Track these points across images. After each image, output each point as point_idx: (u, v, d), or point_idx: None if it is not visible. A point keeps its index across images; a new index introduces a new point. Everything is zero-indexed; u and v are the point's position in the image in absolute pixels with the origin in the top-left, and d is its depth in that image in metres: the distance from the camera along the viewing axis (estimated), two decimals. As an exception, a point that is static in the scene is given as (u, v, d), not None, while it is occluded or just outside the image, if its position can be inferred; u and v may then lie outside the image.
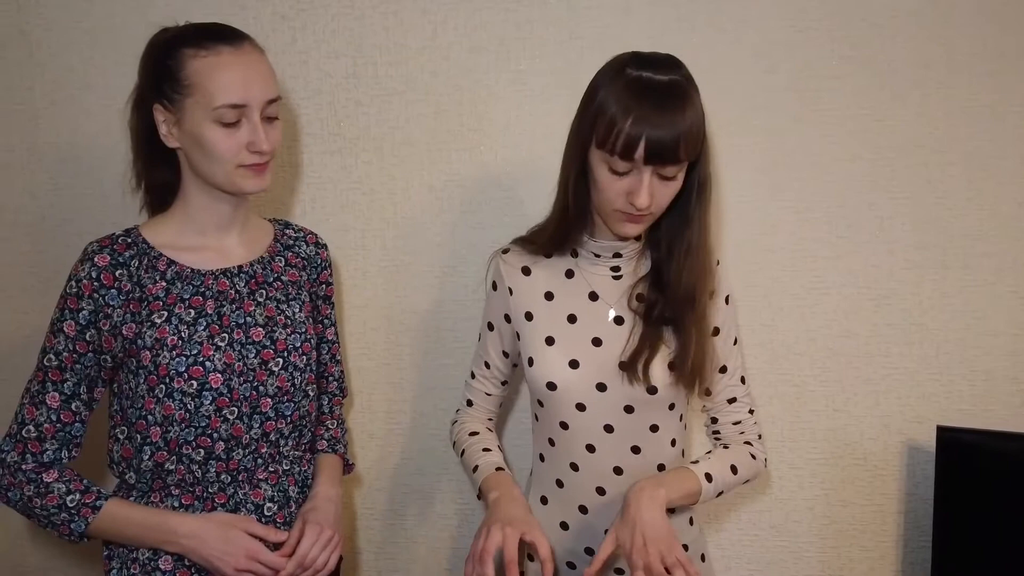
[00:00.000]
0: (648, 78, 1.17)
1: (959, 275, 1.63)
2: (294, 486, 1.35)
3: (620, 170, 1.18)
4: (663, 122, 1.14)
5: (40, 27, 1.68)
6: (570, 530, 1.38)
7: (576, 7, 1.62)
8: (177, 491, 1.26)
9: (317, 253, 1.43)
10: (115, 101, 1.67)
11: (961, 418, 1.65)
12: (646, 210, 1.19)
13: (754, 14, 1.60)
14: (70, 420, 1.22)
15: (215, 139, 1.19)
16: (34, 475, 1.20)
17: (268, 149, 1.21)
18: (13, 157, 1.71)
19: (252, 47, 1.24)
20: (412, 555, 1.80)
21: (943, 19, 1.57)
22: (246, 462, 1.29)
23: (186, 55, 1.19)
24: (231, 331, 1.26)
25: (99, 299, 1.20)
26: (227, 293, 1.28)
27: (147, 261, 1.24)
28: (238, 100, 1.18)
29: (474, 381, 1.47)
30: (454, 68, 1.65)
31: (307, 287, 1.40)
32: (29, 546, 1.82)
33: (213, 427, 1.24)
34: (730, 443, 1.39)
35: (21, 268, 1.75)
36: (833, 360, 1.67)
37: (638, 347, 1.29)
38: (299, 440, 1.37)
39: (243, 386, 1.26)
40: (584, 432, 1.33)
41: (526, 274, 1.37)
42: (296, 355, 1.32)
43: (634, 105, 1.14)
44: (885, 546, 1.71)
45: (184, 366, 1.22)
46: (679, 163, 1.18)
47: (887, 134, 1.61)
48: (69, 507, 1.20)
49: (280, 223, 1.43)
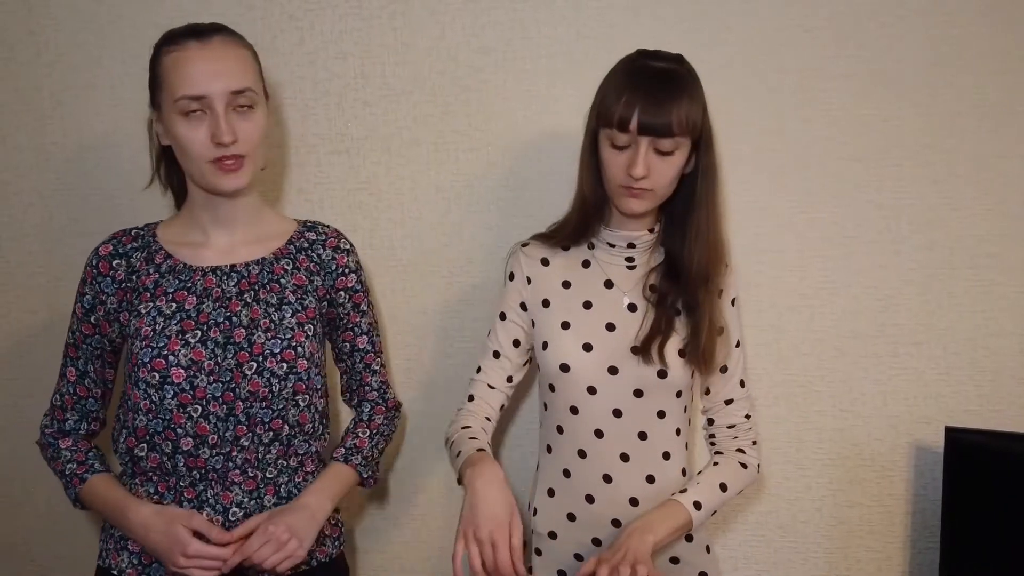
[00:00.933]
0: (645, 63, 1.29)
1: (966, 275, 1.63)
2: (272, 496, 1.33)
3: (620, 143, 1.27)
4: (656, 99, 1.24)
5: (49, 28, 1.68)
6: (577, 521, 1.40)
7: (583, 7, 1.62)
8: (156, 477, 1.30)
9: (333, 258, 1.40)
10: (122, 101, 1.69)
11: (969, 419, 1.65)
12: (643, 181, 1.26)
13: (762, 14, 1.60)
14: (84, 395, 1.34)
15: (181, 132, 1.22)
16: (52, 439, 1.35)
17: (230, 140, 1.20)
18: (21, 157, 1.72)
19: (223, 41, 1.24)
20: (417, 555, 1.80)
21: (951, 19, 1.57)
22: (214, 462, 1.28)
23: (162, 54, 1.25)
24: (207, 329, 1.26)
25: (96, 286, 1.29)
26: (211, 291, 1.29)
27: (147, 254, 1.29)
28: (197, 91, 1.20)
29: (479, 374, 1.47)
30: (461, 68, 1.65)
31: (320, 292, 1.37)
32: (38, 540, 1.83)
33: (176, 422, 1.25)
34: (723, 450, 1.42)
35: (29, 267, 1.75)
36: (840, 360, 1.67)
37: (651, 332, 1.34)
38: (288, 450, 1.33)
39: (212, 385, 1.25)
40: (593, 416, 1.36)
41: (544, 264, 1.43)
42: (273, 361, 1.28)
43: (631, 84, 1.26)
44: (892, 547, 1.71)
45: (148, 357, 1.24)
46: (672, 136, 1.25)
47: (894, 134, 1.60)
48: (66, 474, 1.33)
49: (307, 224, 1.42)
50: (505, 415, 1.68)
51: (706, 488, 1.35)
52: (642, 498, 1.37)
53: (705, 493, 1.34)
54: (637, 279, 1.39)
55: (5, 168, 1.72)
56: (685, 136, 1.26)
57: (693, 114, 1.26)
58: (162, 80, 1.23)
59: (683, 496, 1.33)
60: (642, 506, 1.37)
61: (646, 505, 1.37)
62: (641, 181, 1.27)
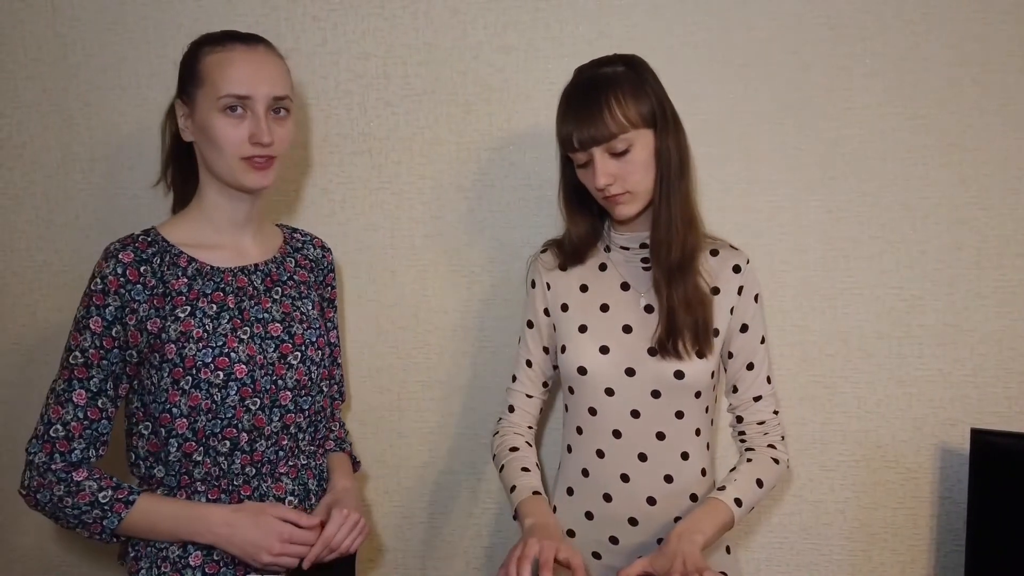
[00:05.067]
0: (575, 80, 1.32)
1: (993, 276, 1.61)
2: (313, 479, 1.38)
3: (580, 162, 1.31)
4: (585, 110, 1.27)
5: (74, 29, 1.70)
6: (595, 519, 1.42)
7: (605, 6, 1.62)
8: (203, 487, 1.28)
9: (323, 256, 1.49)
10: (147, 102, 1.70)
11: (995, 421, 1.63)
12: (612, 187, 1.29)
13: (787, 11, 1.59)
14: (96, 417, 1.24)
15: (220, 127, 1.25)
16: (64, 474, 1.21)
17: (268, 141, 1.25)
18: (49, 157, 1.74)
19: (267, 49, 1.30)
20: (441, 553, 1.81)
21: (978, 16, 1.56)
22: (269, 454, 1.31)
23: (204, 52, 1.28)
24: (251, 325, 1.30)
25: (125, 295, 1.23)
26: (246, 289, 1.33)
27: (168, 258, 1.29)
28: (242, 92, 1.24)
29: (515, 384, 1.50)
30: (483, 68, 1.66)
31: (315, 288, 1.45)
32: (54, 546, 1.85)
33: (237, 418, 1.27)
34: (754, 446, 1.41)
35: (55, 266, 1.77)
36: (865, 361, 1.66)
37: (666, 328, 1.35)
38: (314, 435, 1.40)
39: (264, 378, 1.29)
40: (611, 417, 1.38)
41: (563, 270, 1.45)
42: (312, 350, 1.35)
43: (565, 103, 1.31)
44: (917, 550, 1.69)
45: (211, 357, 1.25)
46: (614, 137, 1.26)
47: (920, 133, 1.59)
48: (102, 503, 1.21)
49: (287, 228, 1.48)
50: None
51: (744, 485, 1.34)
52: (659, 498, 1.37)
53: (744, 490, 1.34)
54: (653, 280, 1.39)
55: (33, 168, 1.74)
56: (630, 131, 1.26)
57: (629, 109, 1.26)
58: (203, 77, 1.26)
59: (723, 494, 1.32)
60: (659, 505, 1.37)
61: (663, 504, 1.37)
62: (609, 188, 1.29)
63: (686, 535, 1.25)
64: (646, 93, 1.28)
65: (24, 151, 1.74)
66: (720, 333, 1.38)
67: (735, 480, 1.35)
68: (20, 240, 1.77)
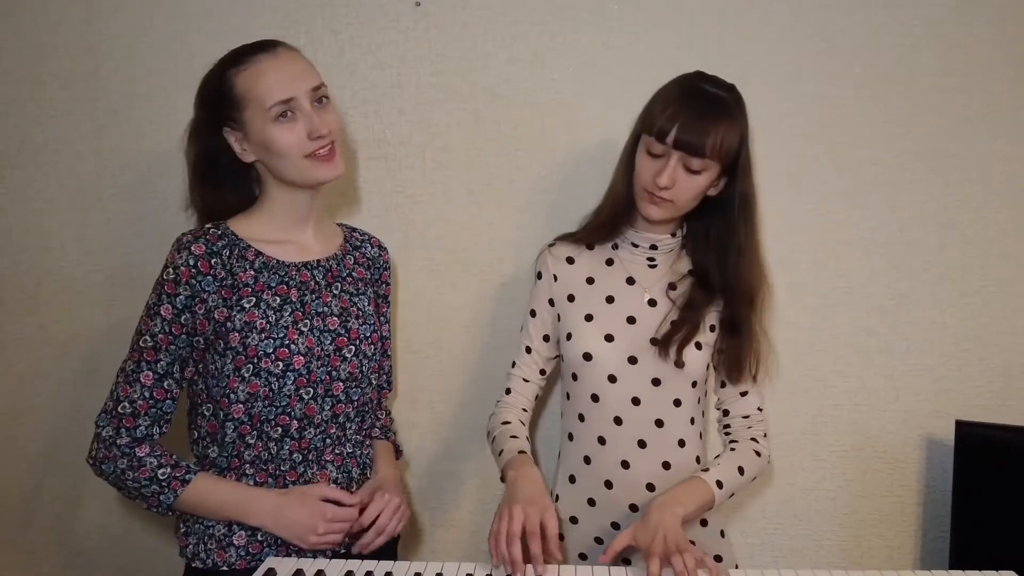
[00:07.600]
0: (697, 84, 1.37)
1: (978, 275, 1.68)
2: (356, 467, 1.44)
3: (655, 151, 1.35)
4: (697, 119, 1.32)
5: (106, 41, 1.78)
6: (596, 506, 1.48)
7: (608, 19, 1.69)
8: (252, 470, 1.35)
9: (380, 255, 1.54)
10: (174, 111, 1.77)
11: (979, 413, 1.70)
12: (666, 191, 1.35)
13: (781, 24, 1.66)
14: (162, 397, 1.31)
15: (278, 136, 1.29)
16: (128, 449, 1.29)
17: (326, 131, 1.30)
18: (82, 163, 1.81)
19: (286, 48, 1.34)
20: (453, 538, 1.88)
21: (963, 28, 1.62)
22: (316, 442, 1.37)
23: (232, 75, 1.31)
24: (312, 318, 1.36)
25: (196, 285, 1.29)
26: (308, 284, 1.38)
27: (237, 251, 1.34)
28: (286, 95, 1.28)
29: (514, 369, 1.56)
30: (492, 78, 1.73)
31: (371, 285, 1.50)
32: (118, 515, 1.93)
33: (291, 406, 1.33)
34: (738, 439, 1.48)
35: (87, 266, 1.85)
36: (855, 357, 1.73)
37: (672, 329, 1.42)
38: (361, 424, 1.46)
39: (320, 369, 1.35)
40: (613, 404, 1.44)
41: (570, 263, 1.52)
42: (366, 344, 1.41)
43: (678, 99, 1.34)
44: (904, 536, 1.76)
45: (272, 348, 1.31)
46: (703, 157, 1.32)
47: (908, 140, 1.66)
48: (160, 479, 1.29)
49: (347, 227, 1.53)
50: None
51: (726, 469, 1.41)
52: (658, 483, 1.44)
53: (726, 474, 1.40)
54: (658, 277, 1.47)
55: (68, 174, 1.82)
56: (716, 160, 1.34)
57: (729, 141, 1.33)
58: (243, 97, 1.30)
59: (706, 475, 1.39)
60: (658, 491, 1.43)
61: (662, 490, 1.42)
62: (664, 191, 1.35)
63: (667, 506, 1.30)
64: (743, 137, 1.37)
65: (58, 157, 1.82)
66: (715, 328, 1.46)
67: (718, 464, 1.41)
68: (54, 240, 1.84)
